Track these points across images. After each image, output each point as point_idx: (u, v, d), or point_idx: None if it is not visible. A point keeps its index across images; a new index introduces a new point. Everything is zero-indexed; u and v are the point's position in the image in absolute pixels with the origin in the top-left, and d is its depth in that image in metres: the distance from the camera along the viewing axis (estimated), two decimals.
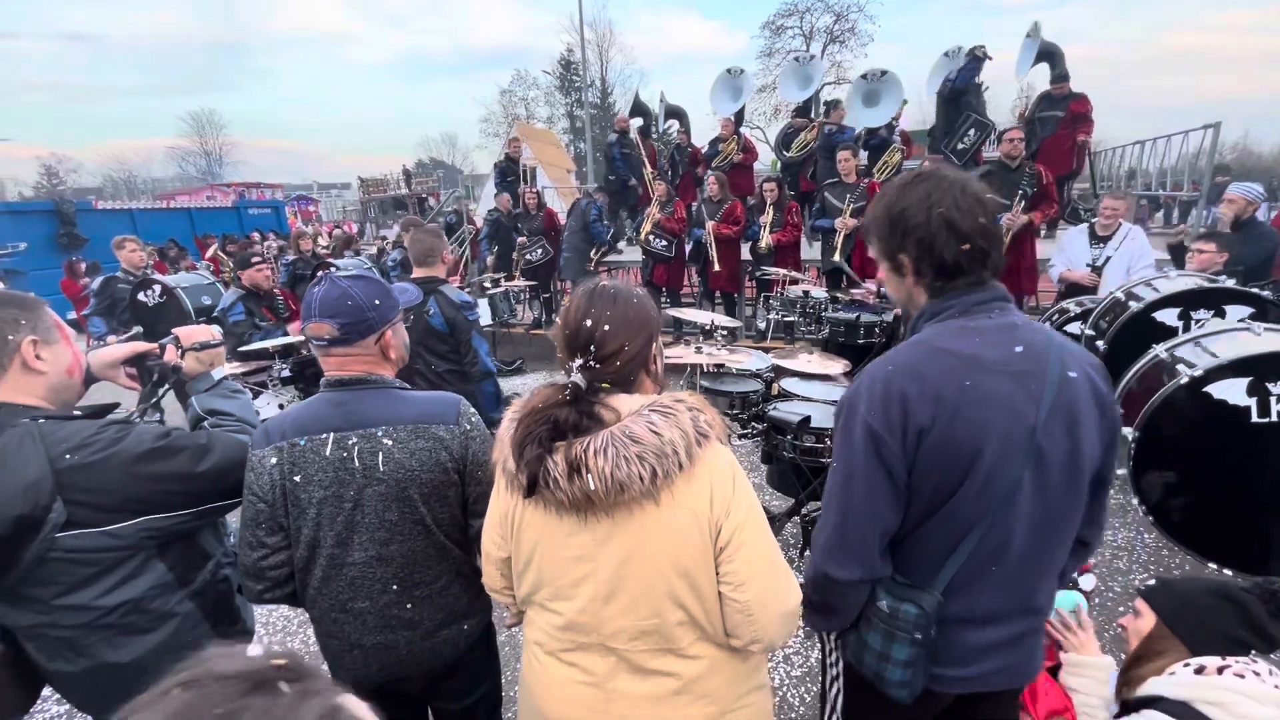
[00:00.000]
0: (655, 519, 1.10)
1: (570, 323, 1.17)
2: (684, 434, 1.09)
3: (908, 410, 1.16)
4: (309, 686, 0.48)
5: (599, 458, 1.06)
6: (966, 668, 1.28)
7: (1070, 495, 1.23)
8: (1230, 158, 33.02)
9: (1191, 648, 1.31)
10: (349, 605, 1.42)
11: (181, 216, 16.54)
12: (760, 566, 1.13)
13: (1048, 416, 1.17)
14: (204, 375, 1.58)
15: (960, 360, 1.17)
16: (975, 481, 1.17)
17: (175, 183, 39.69)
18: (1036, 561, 1.25)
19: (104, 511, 1.20)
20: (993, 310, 1.23)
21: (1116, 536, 3.64)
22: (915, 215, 1.21)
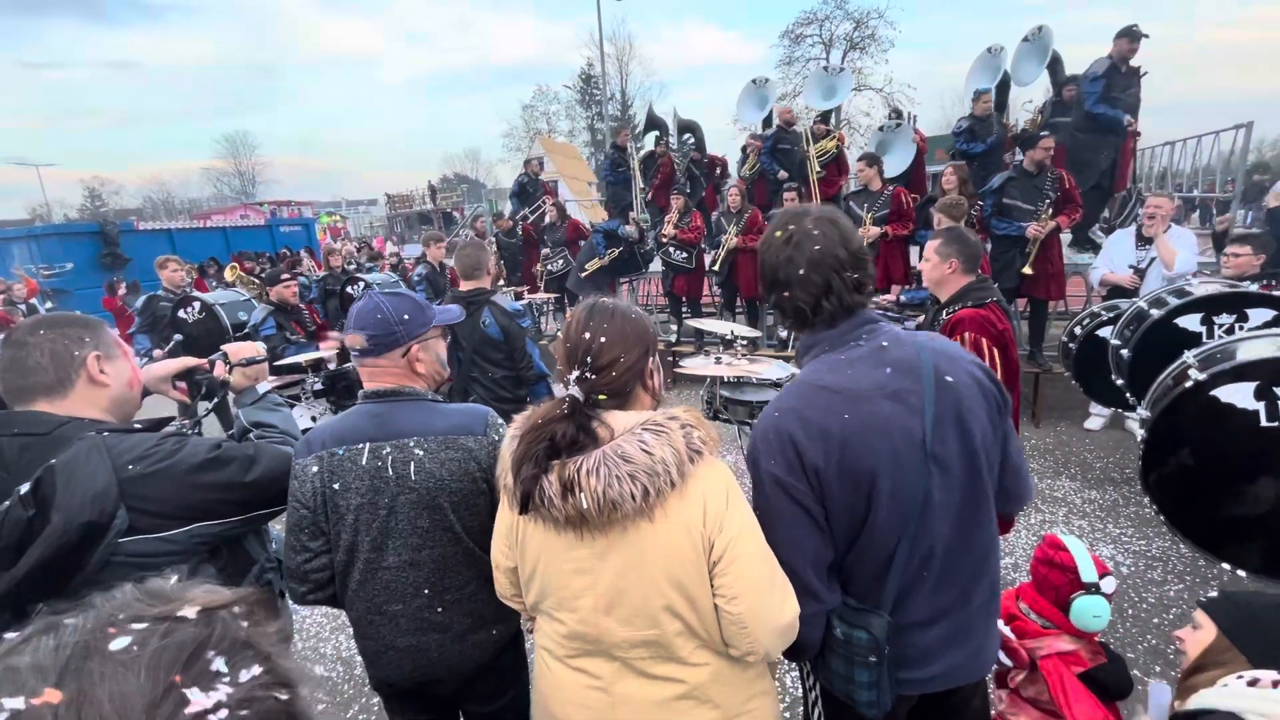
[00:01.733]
0: (650, 534, 1.13)
1: (570, 336, 1.21)
2: (676, 452, 1.11)
3: (800, 453, 1.22)
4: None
5: (591, 477, 1.08)
6: (925, 668, 1.34)
7: (975, 489, 1.30)
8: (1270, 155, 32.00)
9: (1252, 660, 1.29)
10: (384, 608, 1.48)
11: (217, 235, 17.11)
12: (753, 580, 1.15)
13: (934, 425, 1.24)
14: (250, 390, 1.67)
15: (837, 395, 1.24)
16: (881, 502, 1.23)
17: (211, 202, 41.11)
18: (963, 556, 1.32)
19: (161, 518, 1.28)
20: (861, 336, 1.30)
21: (1151, 547, 3.57)
22: (781, 272, 1.31)
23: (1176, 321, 3.16)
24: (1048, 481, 4.43)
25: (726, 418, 3.40)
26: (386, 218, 29.10)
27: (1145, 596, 3.14)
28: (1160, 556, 3.46)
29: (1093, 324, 4.33)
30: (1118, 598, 3.12)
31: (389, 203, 28.47)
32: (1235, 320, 3.01)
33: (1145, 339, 3.20)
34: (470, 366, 3.23)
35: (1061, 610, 1.68)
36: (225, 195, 43.04)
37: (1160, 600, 3.11)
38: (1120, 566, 3.41)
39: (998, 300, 2.54)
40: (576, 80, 35.96)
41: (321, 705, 2.78)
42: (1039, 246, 5.13)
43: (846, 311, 1.30)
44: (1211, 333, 3.05)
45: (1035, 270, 5.21)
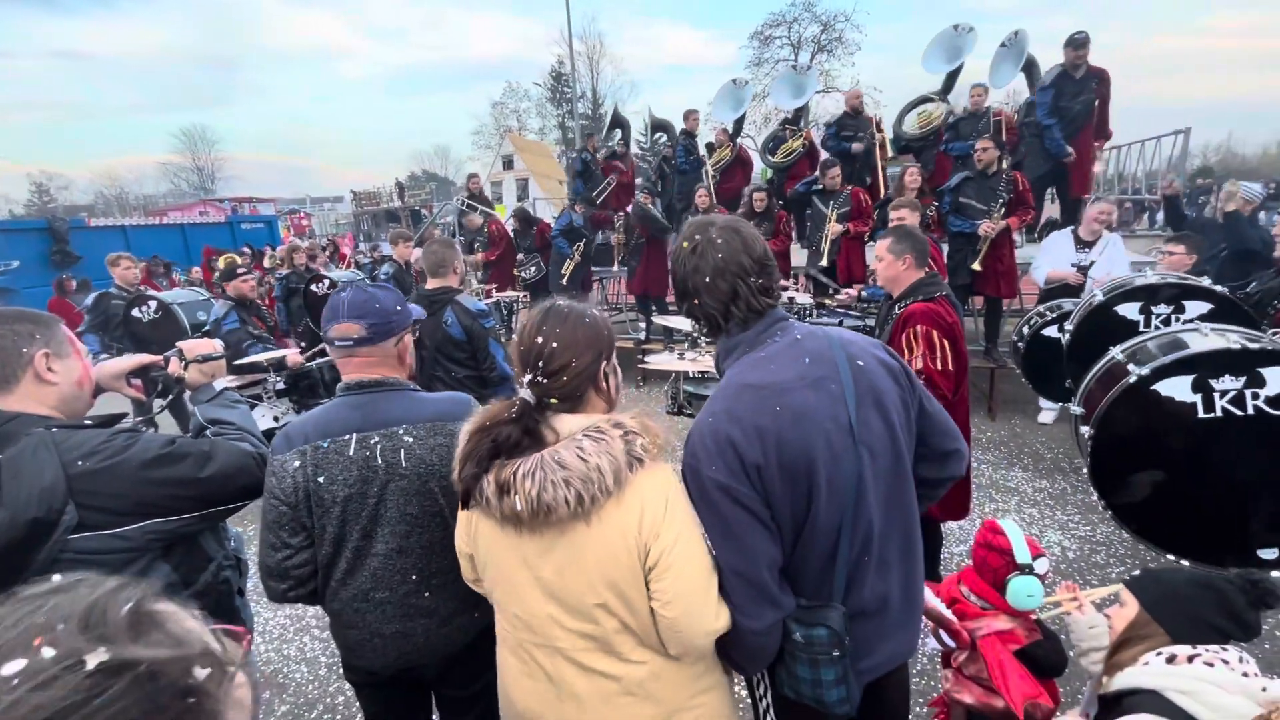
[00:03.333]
0: (586, 537, 1.16)
1: (524, 339, 1.23)
2: (614, 459, 1.13)
3: (739, 453, 1.22)
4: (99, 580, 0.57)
5: (526, 480, 1.11)
6: (872, 657, 1.36)
7: (898, 469, 1.35)
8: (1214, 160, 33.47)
9: (1173, 635, 1.34)
10: (371, 595, 1.51)
11: (174, 232, 16.57)
12: (686, 587, 1.17)
13: (857, 409, 1.29)
14: (206, 386, 1.65)
15: (764, 390, 1.27)
16: (820, 491, 1.25)
17: (168, 199, 39.69)
18: (893, 537, 1.36)
19: (113, 515, 1.27)
20: (775, 333, 1.35)
21: (1095, 532, 3.73)
22: (689, 281, 1.35)
23: (1116, 309, 3.30)
24: (1001, 472, 4.60)
25: (690, 413, 3.46)
26: (353, 215, 28.55)
27: (1090, 579, 3.29)
28: (1104, 541, 3.63)
29: (1039, 324, 4.51)
30: (1064, 580, 3.27)
31: (355, 200, 27.96)
32: (1172, 311, 3.16)
33: (1084, 324, 3.34)
34: (433, 366, 3.20)
35: (998, 591, 1.77)
36: (183, 191, 41.69)
37: (1103, 581, 3.26)
38: (1066, 551, 3.57)
39: (947, 294, 2.65)
40: (547, 78, 35.73)
41: (284, 707, 2.76)
42: (990, 245, 5.31)
43: (756, 314, 1.35)
44: (1148, 322, 3.20)
45: (986, 268, 5.39)
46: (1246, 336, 2.14)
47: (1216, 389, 2.06)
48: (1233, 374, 2.04)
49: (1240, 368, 2.04)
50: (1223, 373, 2.05)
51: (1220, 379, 2.05)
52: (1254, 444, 2.05)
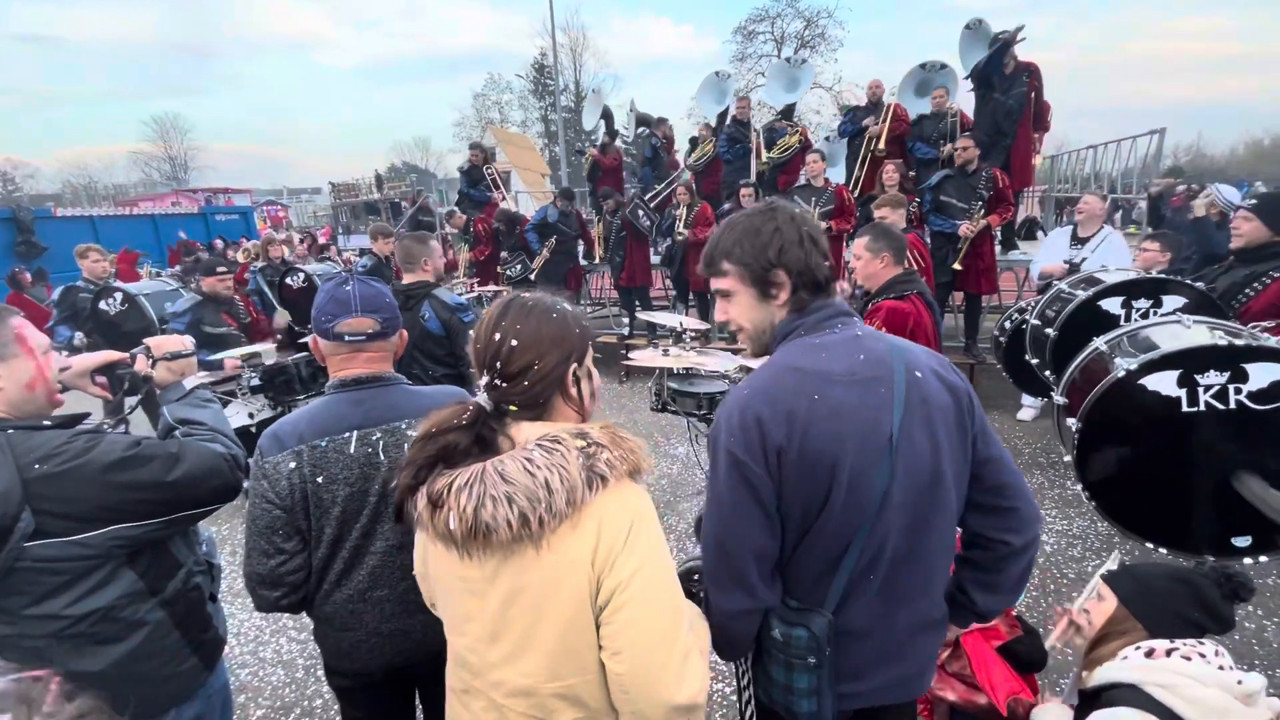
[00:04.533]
0: (535, 566, 0.99)
1: (480, 336, 1.08)
2: (567, 475, 0.96)
3: (764, 432, 1.16)
4: None
5: (461, 495, 0.96)
6: (861, 681, 1.28)
7: (936, 491, 1.23)
8: (1184, 160, 34.26)
9: (1150, 629, 1.36)
10: (369, 594, 1.47)
11: (145, 223, 16.18)
12: (641, 636, 0.98)
13: (903, 419, 1.19)
14: (175, 385, 1.59)
15: (808, 376, 1.20)
16: (839, 493, 1.17)
17: (139, 189, 38.66)
18: (910, 566, 1.25)
19: (73, 521, 1.22)
20: (837, 324, 1.27)
21: (1072, 526, 3.80)
22: (787, 236, 1.24)
23: (1100, 304, 3.36)
24: None
25: (675, 409, 3.45)
26: (331, 207, 28.04)
27: (1066, 573, 3.35)
28: (1080, 535, 3.70)
29: (1020, 319, 4.57)
30: (1041, 574, 3.32)
31: (334, 191, 27.45)
32: (1151, 305, 3.25)
33: (1070, 319, 3.40)
34: (410, 365, 3.12)
35: None
36: (154, 181, 40.60)
37: (1080, 575, 3.32)
38: (1044, 546, 3.62)
39: (919, 292, 2.67)
40: (529, 70, 35.44)
41: (260, 711, 2.70)
42: (970, 243, 5.37)
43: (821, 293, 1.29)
44: (1129, 315, 3.27)
45: (966, 266, 5.46)
46: (1228, 330, 2.19)
47: (1201, 384, 2.11)
48: (1217, 369, 2.09)
49: (1225, 363, 2.09)
50: (1208, 368, 2.10)
51: (1205, 374, 2.10)
52: (1233, 437, 2.11)
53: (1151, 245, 4.27)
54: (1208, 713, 1.18)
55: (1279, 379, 2.02)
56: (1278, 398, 2.02)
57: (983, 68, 6.43)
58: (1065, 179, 9.14)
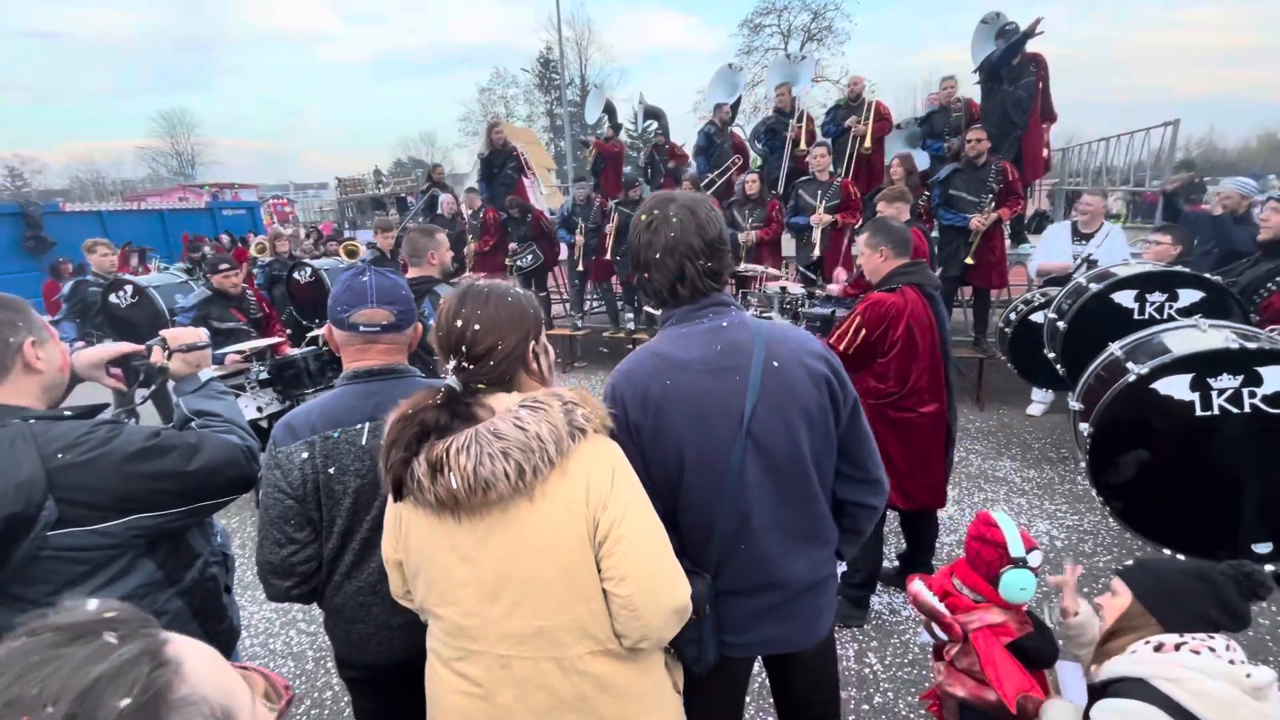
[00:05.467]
0: (531, 515, 1.09)
1: (442, 324, 1.16)
2: (554, 428, 1.07)
3: (626, 409, 1.33)
4: (131, 632, 0.51)
5: (461, 455, 1.04)
6: (745, 634, 1.45)
7: (797, 468, 1.38)
8: (1196, 153, 33.88)
9: (1165, 625, 1.35)
10: (379, 587, 1.47)
11: (153, 218, 16.21)
12: (642, 561, 1.11)
13: (756, 404, 1.32)
14: (191, 377, 1.60)
15: (665, 362, 1.35)
16: (691, 469, 1.33)
17: (146, 184, 38.78)
18: (780, 537, 1.40)
19: (95, 510, 1.23)
20: (706, 315, 1.39)
21: (1083, 522, 3.78)
22: (642, 255, 1.39)
23: (1113, 297, 3.33)
24: (990, 462, 4.65)
25: None
26: (337, 202, 28.11)
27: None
28: (1091, 530, 3.68)
29: (1026, 310, 4.54)
30: (1053, 570, 3.31)
31: (339, 187, 27.51)
32: (1166, 299, 3.21)
33: (1082, 313, 3.37)
34: (413, 359, 3.15)
35: (991, 584, 1.77)
36: (162, 176, 40.68)
37: (1090, 571, 3.31)
38: (1054, 541, 3.61)
39: (917, 283, 2.65)
40: (535, 64, 35.33)
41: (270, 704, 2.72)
42: (981, 237, 5.33)
43: (701, 295, 1.39)
44: (1143, 309, 3.24)
45: (977, 260, 5.42)
46: (1243, 334, 2.16)
47: (1214, 387, 2.08)
48: (1230, 373, 2.06)
49: (1238, 366, 2.06)
50: (1221, 371, 2.07)
51: (1218, 378, 2.07)
52: (1249, 441, 2.08)
53: (1163, 238, 4.22)
54: (1215, 706, 1.18)
55: None
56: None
57: (996, 59, 6.36)
58: (1076, 172, 9.06)
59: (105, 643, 0.49)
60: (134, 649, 0.50)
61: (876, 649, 2.83)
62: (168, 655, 0.51)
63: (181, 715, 0.49)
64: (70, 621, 0.51)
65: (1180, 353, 2.14)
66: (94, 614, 0.52)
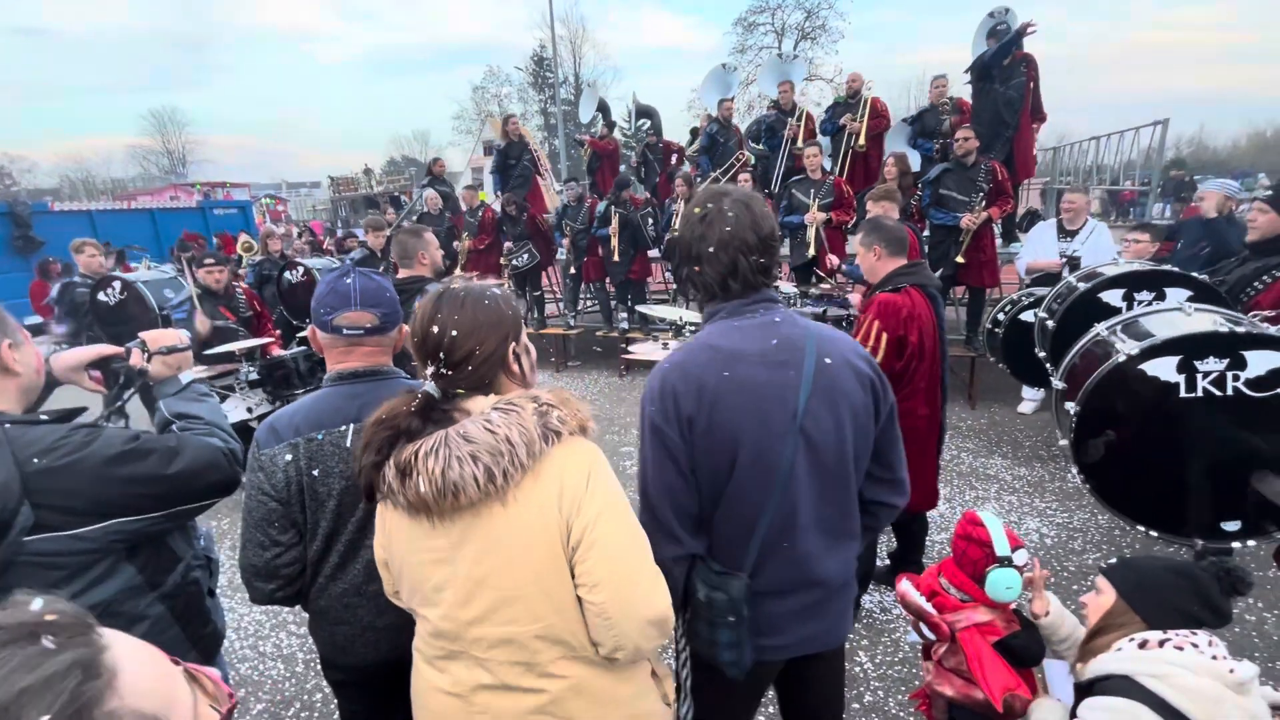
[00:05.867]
0: (504, 521, 1.06)
1: (418, 329, 1.13)
2: (525, 431, 1.04)
3: (678, 402, 1.31)
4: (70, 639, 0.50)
5: (429, 459, 1.02)
6: (780, 636, 1.44)
7: (840, 470, 1.39)
8: (1187, 152, 34.11)
9: (1148, 622, 1.36)
10: (364, 589, 1.47)
11: (144, 217, 16.07)
12: (616, 567, 1.08)
13: (809, 400, 1.32)
14: (171, 379, 1.59)
15: (722, 354, 1.34)
16: (745, 463, 1.32)
17: (136, 182, 38.48)
18: (821, 534, 1.41)
19: (72, 515, 1.21)
20: (758, 310, 1.39)
21: (1072, 519, 3.80)
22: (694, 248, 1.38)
23: (1101, 296, 3.36)
24: (981, 460, 4.66)
25: None
26: (330, 201, 27.98)
27: (1066, 565, 3.36)
28: (1080, 528, 3.70)
29: (1015, 310, 4.56)
30: (1043, 566, 3.31)
31: (333, 185, 27.38)
32: (1154, 298, 3.23)
33: (1070, 311, 3.40)
34: (403, 360, 3.14)
35: (978, 583, 1.78)
36: (152, 175, 40.38)
37: (1079, 568, 3.33)
38: (1044, 538, 3.63)
39: (920, 284, 2.65)
40: (529, 62, 35.24)
41: (260, 705, 2.71)
42: (972, 236, 5.35)
43: (752, 290, 1.39)
44: (1131, 308, 3.25)
45: (968, 259, 5.44)
46: (1228, 318, 2.19)
47: (1200, 370, 2.11)
48: (1217, 356, 2.09)
49: (1224, 349, 2.09)
50: (1207, 354, 2.10)
51: (1205, 360, 2.10)
52: (1229, 423, 2.11)
53: (1141, 236, 4.30)
54: (1200, 701, 1.18)
55: (1277, 366, 2.02)
56: (1276, 385, 2.02)
57: (988, 59, 6.37)
58: (1067, 171, 9.09)
59: (40, 649, 0.48)
60: (65, 660, 0.48)
61: (867, 647, 2.83)
62: (101, 665, 0.50)
63: None
64: (10, 622, 0.50)
65: (1170, 334, 2.17)
66: (35, 615, 0.51)
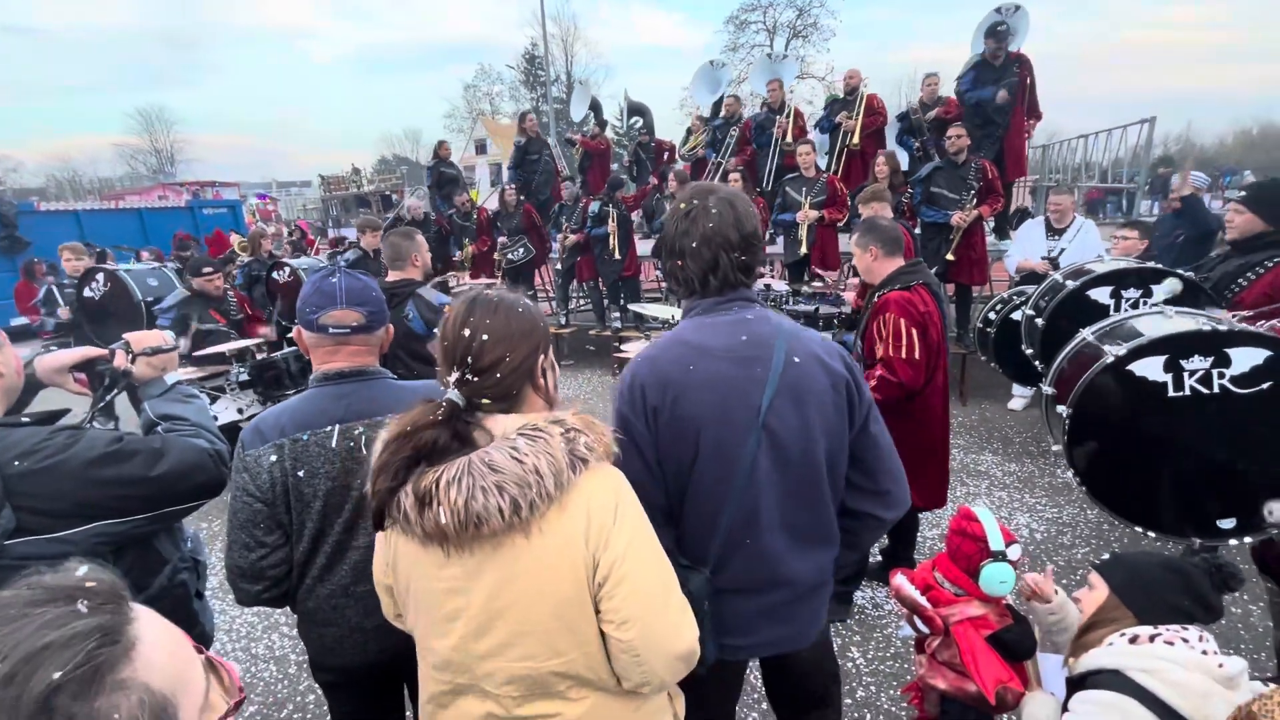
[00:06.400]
0: (526, 553, 1.01)
1: (448, 333, 1.09)
2: (553, 460, 0.99)
3: (645, 394, 1.34)
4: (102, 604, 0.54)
5: (451, 489, 0.96)
6: (748, 636, 1.45)
7: (808, 470, 1.39)
8: (1174, 150, 34.39)
9: (1140, 617, 1.38)
10: (352, 590, 1.46)
11: (131, 217, 15.91)
12: (645, 602, 1.04)
13: (774, 397, 1.33)
14: (156, 380, 1.57)
15: (689, 348, 1.36)
16: (706, 456, 1.33)
17: (124, 182, 38.12)
18: (785, 533, 1.41)
19: (55, 518, 1.20)
20: (732, 307, 1.41)
21: (1062, 514, 3.83)
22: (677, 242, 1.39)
23: (1089, 294, 3.38)
24: (972, 456, 4.69)
25: None
26: (321, 200, 27.80)
27: (1056, 560, 3.38)
28: (1070, 523, 3.73)
29: (1005, 309, 4.58)
30: (1033, 561, 3.35)
31: (323, 184, 27.20)
32: (1141, 295, 3.26)
33: (1059, 310, 3.42)
34: (394, 363, 3.11)
35: (971, 577, 1.78)
36: (140, 174, 40.02)
37: (1069, 562, 3.35)
38: (1034, 533, 3.66)
39: (926, 282, 2.66)
40: (520, 61, 35.20)
41: (253, 707, 2.69)
42: (962, 234, 5.38)
43: (730, 288, 1.40)
44: (1119, 305, 3.29)
45: (959, 256, 5.47)
46: (1210, 318, 2.21)
47: (1186, 369, 2.13)
48: (1202, 354, 2.11)
49: (1209, 348, 2.11)
50: (1193, 353, 2.12)
51: (1190, 359, 2.12)
52: (1217, 421, 2.13)
53: (1129, 233, 4.35)
54: (1189, 695, 1.19)
55: (1259, 363, 2.05)
56: (1258, 382, 2.06)
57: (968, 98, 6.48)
58: (1057, 169, 9.15)
59: (72, 610, 0.52)
60: (91, 623, 0.52)
61: (859, 643, 2.84)
62: (124, 633, 0.54)
63: (112, 698, 0.50)
64: (54, 584, 0.54)
65: (1156, 335, 2.19)
66: (77, 580, 0.55)
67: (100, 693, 0.50)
